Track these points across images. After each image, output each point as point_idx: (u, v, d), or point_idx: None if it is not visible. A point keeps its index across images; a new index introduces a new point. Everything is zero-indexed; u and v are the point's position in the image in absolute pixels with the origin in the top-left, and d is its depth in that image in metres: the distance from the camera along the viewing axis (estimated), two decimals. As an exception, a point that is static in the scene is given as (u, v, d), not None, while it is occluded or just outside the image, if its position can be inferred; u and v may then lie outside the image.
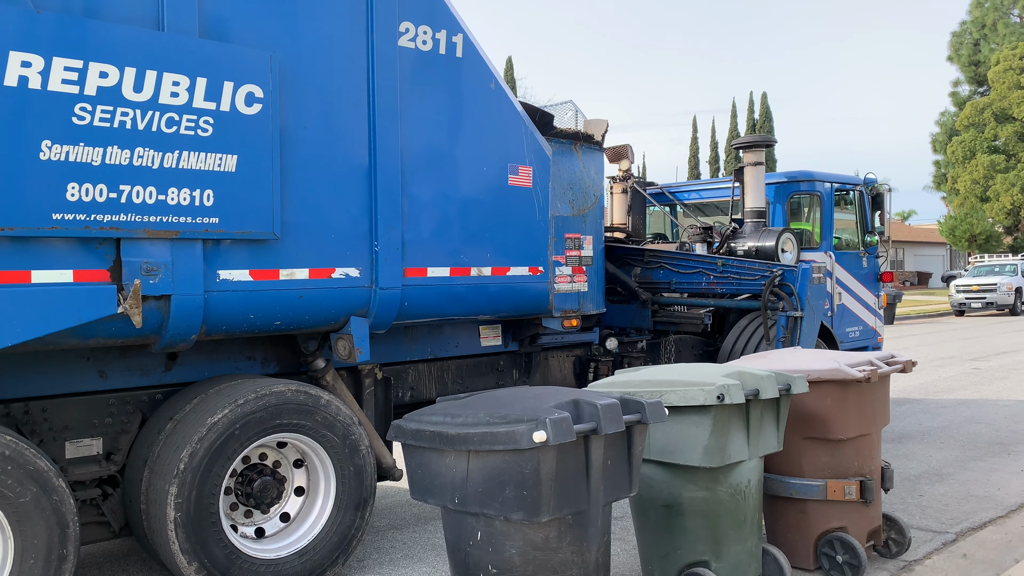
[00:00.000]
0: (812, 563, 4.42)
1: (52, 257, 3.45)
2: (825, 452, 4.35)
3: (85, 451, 3.96)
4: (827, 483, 4.30)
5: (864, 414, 4.46)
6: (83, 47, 3.45)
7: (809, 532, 4.39)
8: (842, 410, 4.35)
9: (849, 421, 4.37)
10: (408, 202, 4.65)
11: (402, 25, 4.59)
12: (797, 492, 4.34)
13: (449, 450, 3.00)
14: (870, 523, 4.51)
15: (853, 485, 4.32)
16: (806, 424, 4.38)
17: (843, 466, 4.38)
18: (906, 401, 10.19)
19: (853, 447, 4.41)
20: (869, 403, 4.50)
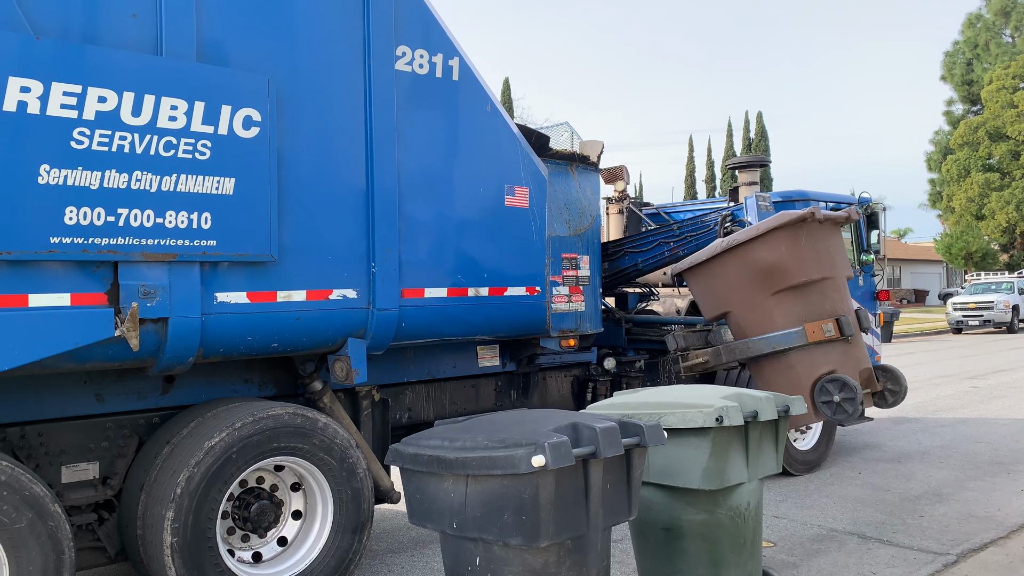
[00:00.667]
0: (815, 418, 4.43)
1: (50, 281, 3.45)
2: (794, 301, 4.41)
3: (81, 475, 3.94)
4: (804, 327, 4.36)
5: (821, 257, 4.63)
6: (82, 72, 3.47)
7: (802, 385, 4.35)
8: (798, 253, 4.50)
9: (807, 262, 4.52)
10: (405, 223, 4.66)
11: (399, 49, 4.63)
12: (779, 343, 4.33)
13: (447, 474, 2.99)
14: (858, 364, 4.48)
15: (830, 323, 4.38)
16: (770, 279, 4.53)
17: (815, 310, 4.45)
18: (904, 420, 10.17)
19: (820, 290, 4.50)
20: (824, 247, 4.66)
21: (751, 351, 4.57)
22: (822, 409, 4.38)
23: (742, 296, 5.05)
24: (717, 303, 5.35)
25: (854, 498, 6.48)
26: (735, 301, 5.16)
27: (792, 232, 4.59)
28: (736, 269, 5.06)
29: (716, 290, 5.30)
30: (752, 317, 4.58)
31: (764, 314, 4.60)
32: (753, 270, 4.68)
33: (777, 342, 4.48)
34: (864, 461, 7.88)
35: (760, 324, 4.60)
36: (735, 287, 5.11)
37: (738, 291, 5.10)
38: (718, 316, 5.39)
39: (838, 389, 4.38)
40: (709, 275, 5.28)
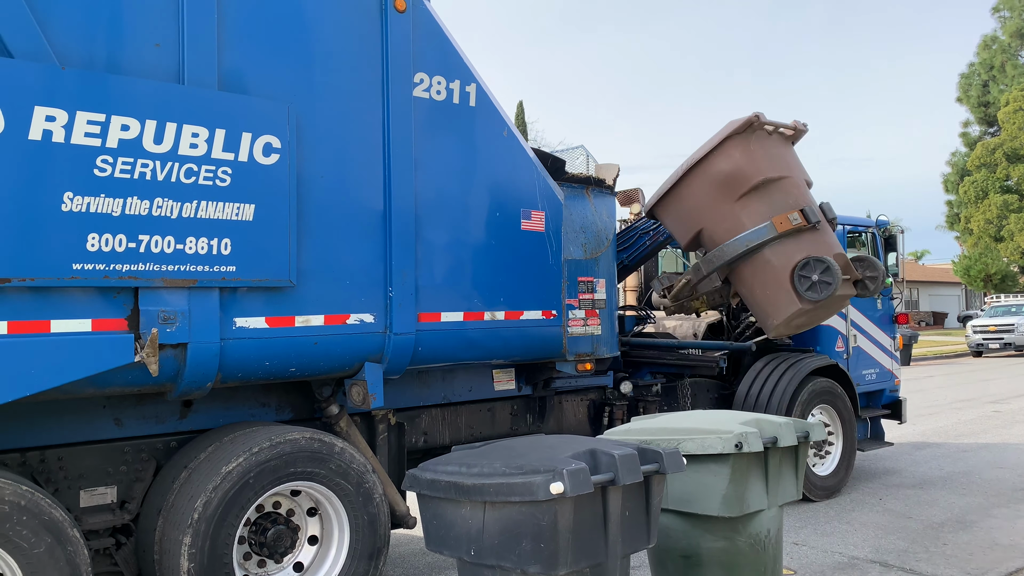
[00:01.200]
0: (798, 303, 4.59)
1: (71, 306, 3.49)
2: (758, 202, 4.79)
3: (99, 500, 3.95)
4: (772, 220, 4.76)
5: (774, 159, 5.02)
6: (106, 101, 3.53)
7: (781, 278, 4.53)
8: (751, 157, 4.90)
9: (762, 163, 4.91)
10: (422, 248, 4.69)
11: (417, 76, 4.68)
12: (752, 240, 4.70)
13: (465, 501, 2.97)
14: (831, 249, 4.69)
15: (795, 212, 4.70)
16: (731, 186, 4.94)
17: (779, 206, 4.87)
18: (926, 445, 10.03)
19: (780, 188, 4.91)
20: (776, 153, 5.06)
21: (727, 255, 4.89)
22: (806, 295, 4.61)
23: (710, 210, 5.33)
24: (689, 224, 5.52)
25: (875, 525, 6.38)
26: (705, 216, 5.39)
27: (743, 139, 5.03)
28: (699, 187, 5.35)
29: (685, 212, 5.53)
30: (723, 227, 4.98)
31: (733, 220, 4.99)
32: (715, 183, 5.12)
33: (749, 239, 4.85)
34: (885, 487, 7.77)
35: (731, 230, 4.99)
36: (702, 203, 5.37)
37: (705, 206, 5.35)
38: (694, 238, 5.54)
39: (814, 269, 4.72)
40: (676, 201, 5.52)
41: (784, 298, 4.86)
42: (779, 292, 4.85)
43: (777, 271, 4.86)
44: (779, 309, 4.93)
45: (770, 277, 4.91)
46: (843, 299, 5.45)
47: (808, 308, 4.98)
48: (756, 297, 5.04)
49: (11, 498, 3.21)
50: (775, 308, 4.93)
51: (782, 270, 4.83)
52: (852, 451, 7.62)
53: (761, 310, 5.03)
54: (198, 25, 3.83)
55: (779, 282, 4.87)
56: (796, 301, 4.84)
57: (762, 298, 4.99)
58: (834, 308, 5.53)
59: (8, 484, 3.23)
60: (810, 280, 4.72)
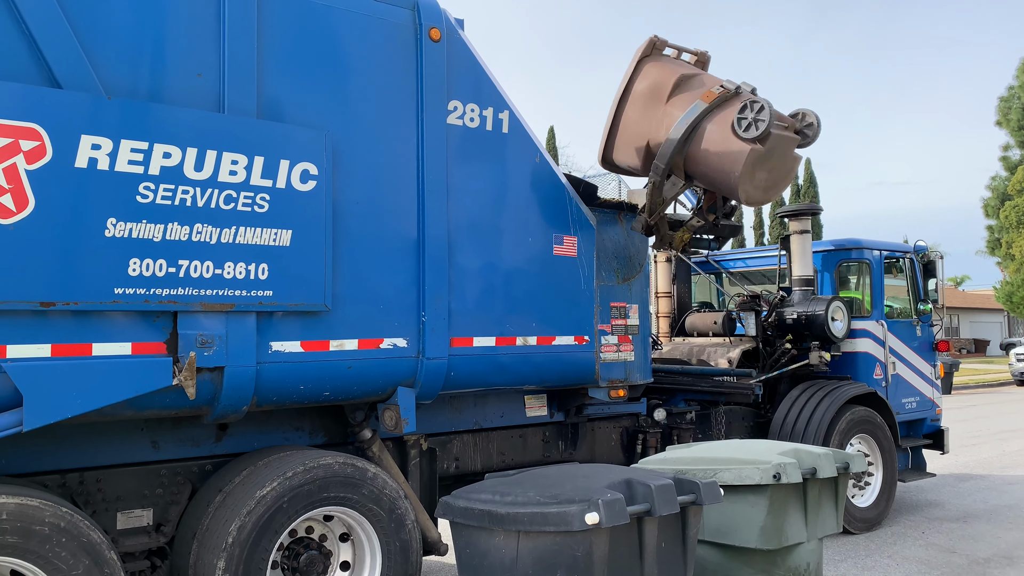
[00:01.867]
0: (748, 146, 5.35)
1: (112, 330, 3.55)
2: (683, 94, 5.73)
3: (135, 522, 3.99)
4: (699, 98, 5.49)
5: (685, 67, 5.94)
6: (149, 129, 3.61)
7: (725, 135, 5.36)
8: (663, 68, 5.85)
9: (674, 68, 5.86)
10: (455, 272, 4.70)
11: (451, 103, 4.72)
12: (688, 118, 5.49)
13: (499, 530, 2.95)
14: None
15: (717, 85, 5.51)
16: (656, 96, 5.67)
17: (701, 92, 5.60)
18: (969, 477, 9.75)
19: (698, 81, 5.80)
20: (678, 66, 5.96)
21: (674, 139, 5.43)
22: (747, 135, 5.24)
23: (647, 122, 5.84)
24: (637, 147, 5.95)
25: (918, 559, 6.20)
26: (645, 130, 5.85)
27: (652, 59, 5.88)
28: (632, 111, 5.92)
29: (631, 137, 6.00)
30: (663, 127, 5.56)
31: (669, 118, 5.57)
32: (643, 100, 5.77)
33: (687, 119, 5.37)
34: (927, 520, 7.55)
35: (670, 125, 5.54)
36: (639, 122, 5.88)
37: (643, 121, 5.86)
38: (646, 155, 5.91)
39: (749, 110, 5.23)
40: (621, 135, 6.02)
41: (734, 148, 5.31)
42: (728, 146, 5.32)
43: (719, 131, 5.35)
44: (734, 162, 5.33)
45: (715, 139, 5.38)
46: (789, 143, 5.72)
47: (758, 151, 5.34)
48: (712, 164, 5.51)
49: (51, 519, 3.25)
50: (731, 163, 5.35)
51: (723, 129, 5.33)
52: (893, 482, 7.44)
53: (721, 173, 5.49)
54: (239, 55, 3.92)
55: (724, 139, 5.34)
56: (744, 145, 5.27)
57: (716, 161, 5.43)
58: (788, 160, 5.81)
59: (49, 506, 3.27)
60: (747, 120, 5.23)
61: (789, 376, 7.57)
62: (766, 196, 5.77)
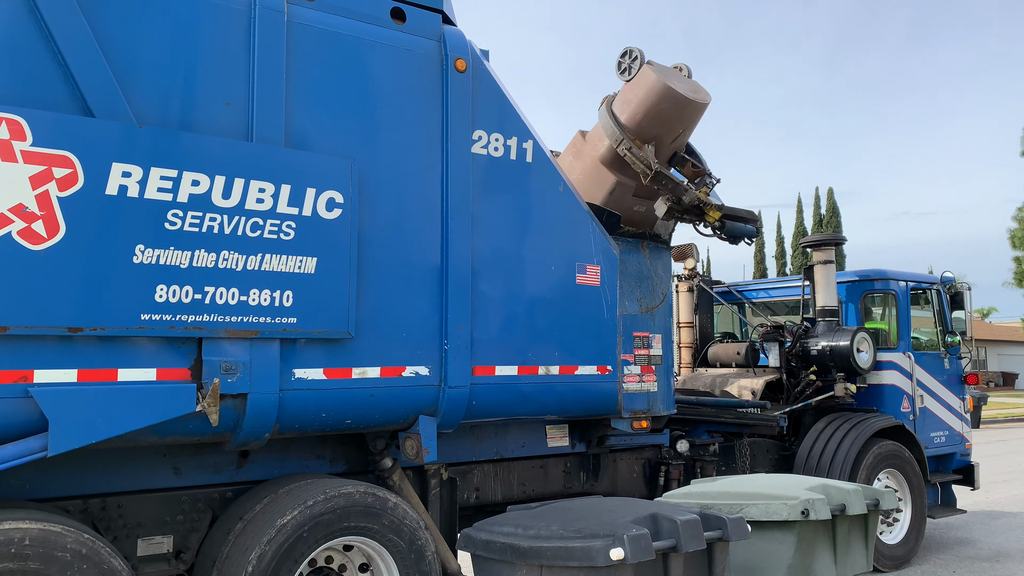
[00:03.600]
0: None
1: (138, 356, 3.57)
2: None
3: (156, 549, 3.98)
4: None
5: None
6: (179, 157, 3.66)
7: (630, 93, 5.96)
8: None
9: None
10: (478, 301, 4.69)
11: (475, 133, 4.75)
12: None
13: (521, 563, 2.90)
14: None
15: None
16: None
17: None
18: (1001, 515, 9.50)
19: None
20: None
21: (607, 123, 5.88)
22: (631, 76, 5.89)
23: (584, 155, 6.21)
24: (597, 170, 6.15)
25: (950, 599, 6.03)
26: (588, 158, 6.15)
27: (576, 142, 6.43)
28: (574, 170, 6.19)
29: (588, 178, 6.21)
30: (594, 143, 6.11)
31: (593, 136, 6.08)
32: (571, 159, 6.27)
33: (604, 112, 5.93)
34: (958, 559, 7.36)
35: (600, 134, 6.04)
36: (581, 163, 6.20)
37: (583, 159, 6.20)
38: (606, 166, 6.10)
39: (624, 57, 5.94)
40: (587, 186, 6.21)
41: (640, 83, 5.86)
42: (638, 89, 5.87)
43: (625, 94, 5.97)
44: (651, 86, 5.81)
45: (629, 98, 5.91)
46: (672, 70, 6.20)
47: (655, 67, 5.94)
48: (644, 106, 5.88)
49: (73, 546, 3.25)
50: (650, 89, 5.82)
51: (626, 90, 5.97)
52: (922, 519, 7.27)
53: (656, 102, 5.85)
54: (268, 86, 3.98)
55: (633, 88, 5.89)
56: (643, 73, 5.87)
57: (644, 100, 5.85)
58: (684, 77, 6.25)
59: (71, 532, 3.27)
60: (625, 64, 5.98)
61: (814, 408, 7.46)
62: (702, 96, 6.12)
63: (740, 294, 8.98)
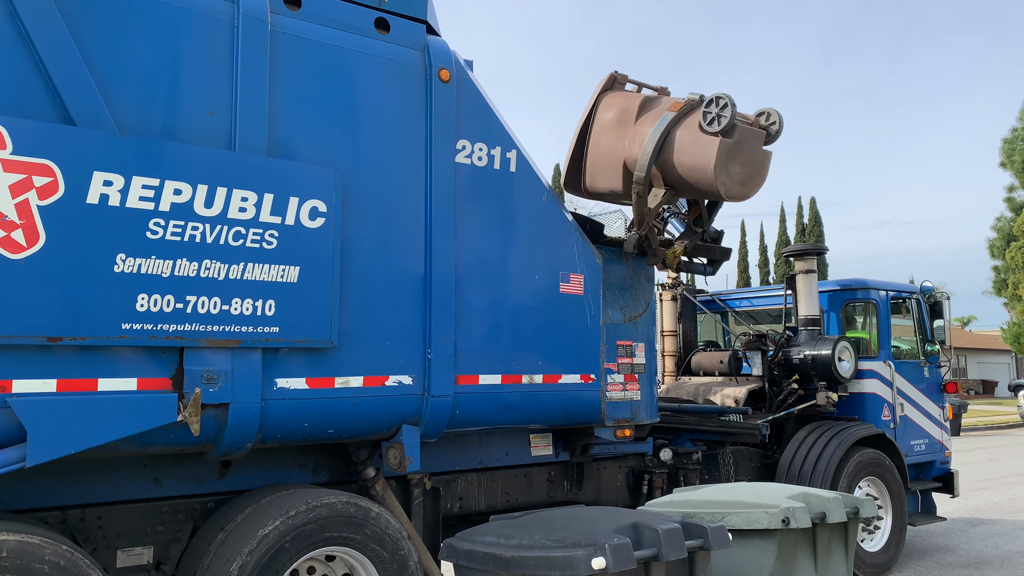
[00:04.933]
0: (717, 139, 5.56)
1: (118, 365, 3.55)
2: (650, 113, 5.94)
3: (135, 560, 3.94)
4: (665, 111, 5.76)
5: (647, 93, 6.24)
6: (161, 166, 3.65)
7: (695, 135, 5.62)
8: (626, 96, 6.07)
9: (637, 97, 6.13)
10: (461, 310, 4.70)
11: (459, 143, 4.77)
12: (660, 127, 5.69)
13: (503, 573, 2.90)
14: None
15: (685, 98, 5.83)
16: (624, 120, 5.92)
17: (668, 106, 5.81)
18: (980, 522, 9.60)
19: (663, 101, 5.92)
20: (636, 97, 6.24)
21: (648, 150, 5.63)
22: (711, 128, 5.49)
23: (620, 143, 6.02)
24: (615, 166, 6.07)
25: (930, 606, 6.08)
26: (620, 150, 6.03)
27: (613, 91, 6.16)
28: (600, 137, 6.10)
29: (607, 162, 6.15)
30: (636, 143, 5.77)
31: (640, 135, 5.79)
32: (610, 126, 5.99)
33: (658, 129, 5.62)
34: (938, 566, 7.42)
35: (643, 141, 5.72)
36: (612, 144, 6.06)
37: (616, 144, 6.04)
38: (624, 175, 6.02)
39: (714, 105, 5.50)
40: (591, 162, 6.21)
41: (705, 144, 5.55)
42: (699, 144, 5.55)
43: (689, 133, 5.61)
44: (706, 156, 5.55)
45: (687, 142, 5.63)
46: (756, 137, 5.86)
47: (727, 142, 5.56)
48: (687, 164, 5.69)
49: (51, 557, 3.22)
50: (704, 159, 5.56)
51: (692, 131, 5.60)
52: (902, 526, 7.33)
53: (698, 170, 5.65)
54: (251, 95, 3.97)
55: (695, 140, 5.59)
56: (713, 140, 5.51)
57: (690, 160, 5.63)
58: (757, 153, 5.95)
59: (49, 543, 3.24)
60: (712, 115, 5.50)
61: (796, 416, 7.51)
62: (744, 190, 5.96)
63: (723, 303, 9.03)
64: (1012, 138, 41.59)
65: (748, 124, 5.85)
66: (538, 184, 5.21)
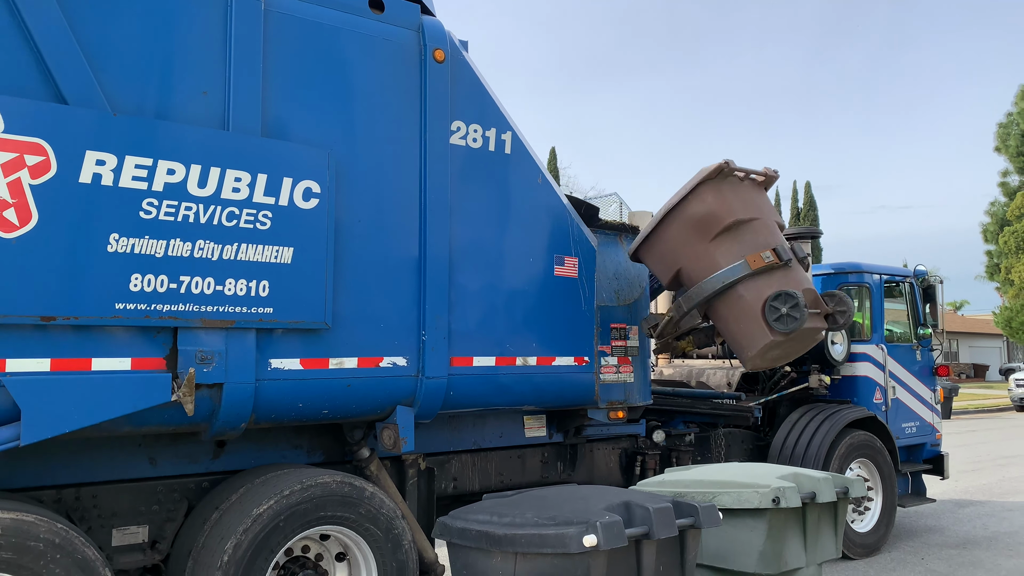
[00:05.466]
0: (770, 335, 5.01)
1: (112, 345, 3.55)
2: (731, 241, 5.10)
3: (131, 539, 3.96)
4: (746, 258, 5.05)
5: (746, 202, 5.33)
6: (154, 146, 3.64)
7: (753, 311, 4.96)
8: (723, 200, 5.27)
9: (733, 206, 5.26)
10: (455, 292, 4.70)
11: (454, 124, 4.75)
12: (727, 277, 5.04)
13: (496, 551, 2.93)
14: (800, 284, 5.03)
15: (767, 251, 5.03)
16: (705, 227, 5.29)
17: (751, 245, 5.11)
18: (969, 503, 9.70)
19: (751, 229, 5.17)
20: (748, 197, 5.37)
21: (705, 291, 5.23)
22: (775, 326, 5.06)
23: (687, 250, 5.61)
24: (669, 264, 5.73)
25: (918, 586, 6.16)
26: (682, 257, 5.65)
27: (714, 184, 5.38)
28: (676, 230, 5.61)
29: (665, 253, 5.77)
30: (699, 265, 5.29)
31: (708, 260, 5.29)
32: (690, 225, 5.42)
33: (725, 276, 5.18)
34: (927, 546, 7.50)
35: (708, 269, 5.28)
36: (679, 245, 5.64)
37: (682, 247, 5.63)
38: (674, 277, 5.76)
39: (783, 302, 5.06)
40: (656, 243, 5.79)
41: (757, 331, 5.19)
42: (752, 325, 5.19)
43: (750, 305, 5.20)
44: (753, 341, 5.25)
45: (744, 311, 5.24)
46: (814, 332, 5.60)
47: (780, 340, 5.22)
48: (732, 331, 5.43)
49: (46, 536, 3.23)
50: (749, 341, 5.28)
51: (755, 303, 5.17)
52: (892, 507, 7.40)
53: (737, 343, 5.41)
54: (244, 74, 3.95)
55: (752, 316, 5.21)
56: (768, 333, 5.16)
57: (737, 332, 5.32)
58: (807, 342, 5.76)
59: (44, 522, 3.25)
60: (779, 312, 5.09)
61: (789, 399, 7.56)
62: (773, 364, 5.80)
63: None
64: (1007, 123, 41.57)
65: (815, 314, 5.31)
66: (533, 166, 5.20)
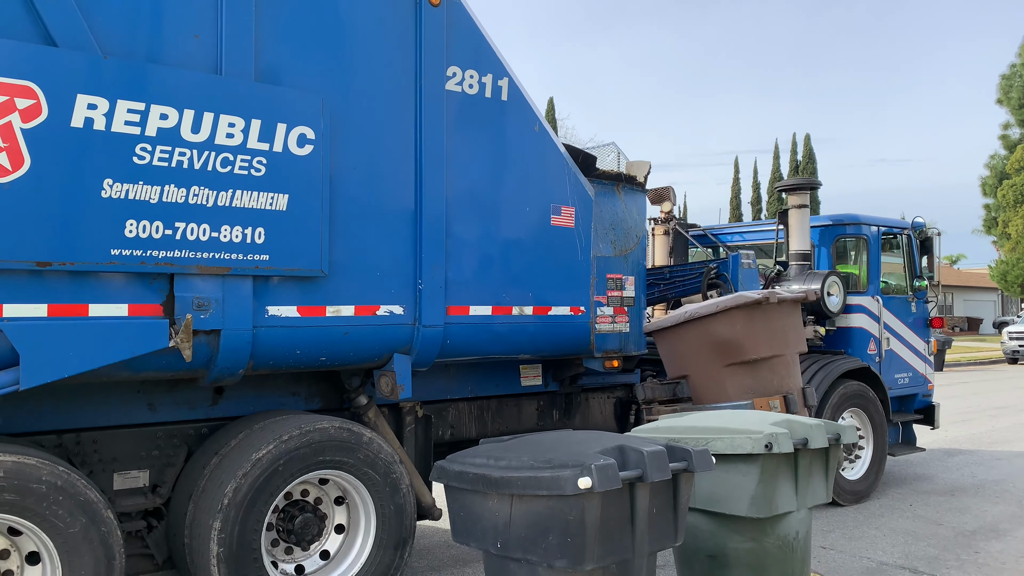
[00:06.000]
0: None
1: (109, 291, 3.55)
2: (746, 374, 4.90)
3: (132, 483, 4.02)
4: (753, 402, 4.84)
5: (774, 335, 5.10)
6: (146, 90, 3.58)
7: None
8: (752, 331, 4.99)
9: (760, 341, 5.02)
10: (452, 241, 4.69)
11: (449, 69, 4.68)
12: None
13: (492, 493, 2.98)
14: None
15: (776, 400, 4.92)
16: (725, 352, 5.06)
17: (764, 385, 4.92)
18: (958, 452, 9.86)
19: (770, 367, 4.99)
20: (779, 326, 5.12)
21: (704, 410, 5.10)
22: None
23: (700, 363, 5.51)
24: (679, 366, 5.73)
25: (905, 531, 6.29)
26: (693, 367, 5.59)
27: (748, 312, 5.12)
28: (696, 338, 5.50)
29: (678, 353, 5.73)
30: (708, 384, 5.14)
31: (718, 383, 5.13)
32: (710, 342, 5.23)
33: None
34: (915, 493, 7.65)
35: (714, 392, 5.12)
36: (694, 354, 5.55)
37: (697, 358, 5.53)
38: (679, 377, 5.76)
39: None
40: (673, 339, 5.74)
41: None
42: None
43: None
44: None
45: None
46: None
47: None
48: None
49: (48, 478, 3.28)
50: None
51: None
52: (883, 456, 7.52)
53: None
54: (237, 18, 3.87)
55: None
56: None
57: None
58: None
59: (45, 464, 3.30)
60: None
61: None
62: None
63: (715, 237, 9.04)
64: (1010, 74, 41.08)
65: None
66: (530, 113, 5.14)
